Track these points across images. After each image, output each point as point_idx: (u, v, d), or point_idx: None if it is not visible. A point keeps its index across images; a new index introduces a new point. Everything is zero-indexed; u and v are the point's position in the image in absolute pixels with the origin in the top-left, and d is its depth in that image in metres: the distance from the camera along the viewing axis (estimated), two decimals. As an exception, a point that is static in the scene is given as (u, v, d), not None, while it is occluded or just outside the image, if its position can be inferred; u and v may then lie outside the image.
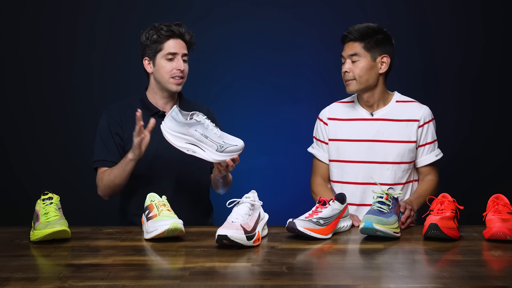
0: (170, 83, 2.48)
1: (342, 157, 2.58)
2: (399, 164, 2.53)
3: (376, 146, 2.54)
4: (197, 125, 2.21)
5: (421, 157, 2.57)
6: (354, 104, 2.62)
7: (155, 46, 2.47)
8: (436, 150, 2.59)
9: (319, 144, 2.66)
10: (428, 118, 2.57)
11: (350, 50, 2.51)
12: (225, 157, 2.22)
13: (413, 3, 3.64)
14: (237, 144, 2.23)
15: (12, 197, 3.59)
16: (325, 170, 2.65)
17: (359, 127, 2.57)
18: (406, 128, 2.54)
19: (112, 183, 2.43)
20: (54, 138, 3.62)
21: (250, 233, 1.96)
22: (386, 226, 2.05)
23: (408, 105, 2.59)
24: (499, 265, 1.86)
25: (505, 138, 3.63)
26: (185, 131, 2.21)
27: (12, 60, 3.60)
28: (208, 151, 2.21)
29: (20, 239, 2.10)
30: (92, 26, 3.60)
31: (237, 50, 3.62)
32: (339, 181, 2.59)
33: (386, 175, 2.52)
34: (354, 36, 2.50)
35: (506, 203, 2.14)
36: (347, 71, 2.52)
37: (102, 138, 2.51)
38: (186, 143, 2.21)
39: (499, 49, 3.62)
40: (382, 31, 2.53)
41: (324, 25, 3.58)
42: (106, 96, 3.53)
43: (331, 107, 2.67)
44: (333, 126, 2.61)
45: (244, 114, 3.62)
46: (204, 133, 2.21)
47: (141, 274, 1.72)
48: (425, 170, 2.58)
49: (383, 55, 2.52)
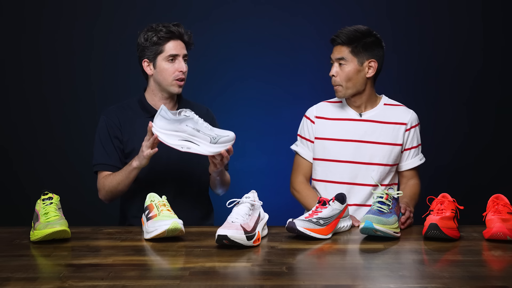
0: (173, 85, 2.48)
1: (328, 156, 2.57)
2: (384, 166, 2.53)
3: (363, 147, 2.54)
4: (188, 120, 2.21)
5: (406, 161, 2.57)
6: (342, 104, 2.62)
7: (155, 48, 2.46)
8: (420, 154, 2.60)
9: (304, 142, 2.65)
10: (415, 123, 2.58)
11: (337, 53, 2.51)
12: (220, 148, 2.22)
13: (413, 3, 3.64)
14: (229, 134, 2.24)
15: (12, 197, 3.59)
16: (308, 169, 2.64)
17: (347, 127, 2.57)
18: (393, 131, 2.55)
19: (115, 189, 2.43)
20: (54, 138, 3.62)
21: (250, 233, 1.96)
22: (386, 226, 2.05)
23: (396, 109, 2.59)
24: (499, 265, 1.86)
25: (505, 140, 3.63)
26: (177, 128, 2.21)
27: (12, 61, 3.60)
28: (202, 144, 2.21)
29: (20, 239, 2.10)
30: (91, 27, 3.60)
31: (237, 50, 3.62)
32: (323, 180, 2.58)
33: (371, 176, 2.52)
34: (342, 40, 2.50)
35: (506, 203, 2.14)
36: (334, 74, 2.52)
37: (102, 141, 2.50)
38: (180, 140, 2.21)
39: (499, 50, 3.62)
40: (371, 34, 2.52)
41: (324, 25, 3.57)
42: (105, 96, 3.53)
43: (319, 106, 2.67)
44: (321, 124, 2.61)
45: (244, 114, 3.62)
46: (196, 127, 2.21)
47: (141, 274, 1.72)
48: (409, 174, 2.58)
49: (370, 60, 2.51)
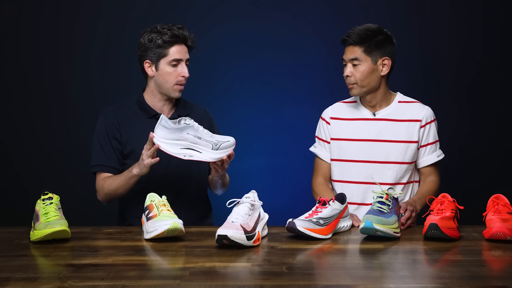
0: (174, 90, 2.48)
1: (344, 157, 2.58)
2: (401, 164, 2.53)
3: (378, 146, 2.54)
4: (188, 128, 2.22)
5: (423, 158, 2.57)
6: (356, 104, 2.62)
7: (159, 50, 2.45)
8: (438, 150, 2.58)
9: (321, 143, 2.66)
10: (430, 119, 2.57)
11: (350, 54, 2.50)
12: (222, 154, 2.23)
13: (413, 3, 3.64)
14: (229, 140, 2.25)
15: (13, 197, 3.59)
16: (326, 170, 2.65)
17: (361, 127, 2.57)
18: (408, 128, 2.54)
19: (114, 193, 2.43)
20: (55, 139, 3.62)
21: (250, 233, 1.96)
22: (386, 226, 2.05)
23: (411, 106, 2.59)
24: (499, 265, 1.86)
25: (506, 138, 3.63)
26: (178, 136, 2.22)
27: (13, 61, 3.59)
28: (204, 151, 2.22)
29: (20, 239, 2.10)
30: (92, 26, 3.60)
31: (237, 50, 3.62)
32: (340, 180, 2.59)
33: (388, 175, 2.52)
34: (354, 40, 2.49)
35: (506, 203, 2.14)
36: (348, 75, 2.51)
37: (100, 142, 2.50)
38: (182, 148, 2.22)
39: (499, 49, 3.62)
40: (382, 32, 2.52)
41: (325, 25, 3.57)
42: (106, 97, 3.53)
43: (334, 107, 2.67)
44: (336, 125, 2.61)
45: (244, 114, 3.62)
46: (197, 135, 2.22)
47: (141, 274, 1.72)
48: (426, 170, 2.57)
49: (384, 58, 2.51)
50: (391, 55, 2.53)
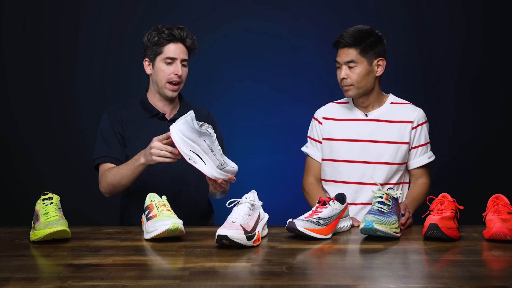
0: (166, 88, 2.48)
1: (335, 157, 2.58)
2: (392, 164, 2.53)
3: (369, 146, 2.54)
4: (207, 136, 2.17)
5: (414, 159, 2.57)
6: (349, 105, 2.63)
7: (155, 48, 2.47)
8: (429, 152, 2.59)
9: (313, 143, 2.66)
10: (422, 120, 2.57)
11: (346, 56, 2.49)
12: (222, 176, 2.19)
13: (412, 3, 3.64)
14: (234, 166, 2.22)
15: (13, 197, 3.59)
16: (318, 170, 2.65)
17: (353, 127, 2.57)
18: (399, 129, 2.54)
19: (118, 183, 2.40)
20: (55, 138, 3.62)
21: (250, 233, 1.96)
22: (386, 226, 2.05)
23: (403, 107, 2.59)
24: (499, 265, 1.86)
25: (506, 138, 3.63)
26: (195, 139, 2.16)
27: (13, 61, 3.60)
28: (209, 164, 2.17)
29: (20, 239, 2.10)
30: (93, 26, 3.60)
31: (237, 51, 3.63)
32: (332, 180, 2.59)
33: (378, 175, 2.53)
34: (348, 41, 2.47)
35: (506, 203, 2.14)
36: (344, 77, 2.50)
37: (104, 136, 2.49)
38: (191, 150, 2.16)
39: (498, 50, 3.62)
40: (373, 33, 2.51)
41: (324, 25, 3.58)
42: (106, 97, 3.53)
43: (327, 107, 2.67)
44: (328, 125, 2.62)
45: (244, 114, 3.62)
46: (211, 146, 2.17)
47: (141, 274, 1.72)
48: (417, 172, 2.58)
49: (378, 59, 2.51)
50: (384, 55, 2.53)
